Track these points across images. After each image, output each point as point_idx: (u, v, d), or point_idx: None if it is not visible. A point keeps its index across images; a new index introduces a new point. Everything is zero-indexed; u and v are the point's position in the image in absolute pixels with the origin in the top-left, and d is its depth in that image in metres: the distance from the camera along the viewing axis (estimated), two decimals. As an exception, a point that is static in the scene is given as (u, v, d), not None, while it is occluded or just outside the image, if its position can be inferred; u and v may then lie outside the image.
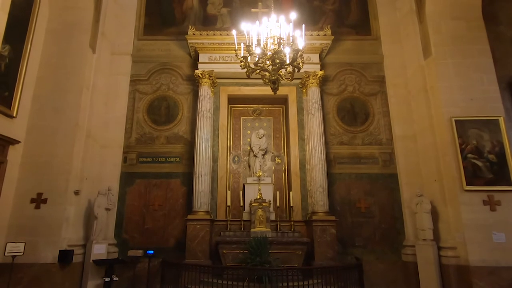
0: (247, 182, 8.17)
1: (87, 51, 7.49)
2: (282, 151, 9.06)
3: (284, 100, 8.93)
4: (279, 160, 8.99)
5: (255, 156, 8.53)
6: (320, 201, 7.43)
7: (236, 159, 8.97)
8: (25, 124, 6.86)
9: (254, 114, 9.35)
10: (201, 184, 7.42)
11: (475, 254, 6.59)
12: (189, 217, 7.21)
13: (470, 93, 7.33)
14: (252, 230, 7.37)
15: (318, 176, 7.56)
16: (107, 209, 7.27)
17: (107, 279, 6.52)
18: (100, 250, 6.86)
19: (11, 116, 6.32)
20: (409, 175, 8.07)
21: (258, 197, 7.71)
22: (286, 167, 8.89)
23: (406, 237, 7.85)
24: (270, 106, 9.31)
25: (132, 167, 8.20)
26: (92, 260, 6.66)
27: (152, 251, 7.11)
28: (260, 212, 7.53)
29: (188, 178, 8.01)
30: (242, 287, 5.79)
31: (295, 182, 8.13)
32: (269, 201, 7.68)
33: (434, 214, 7.35)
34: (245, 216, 7.77)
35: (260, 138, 8.64)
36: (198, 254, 6.96)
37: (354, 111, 8.71)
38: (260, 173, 8.01)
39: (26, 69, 6.60)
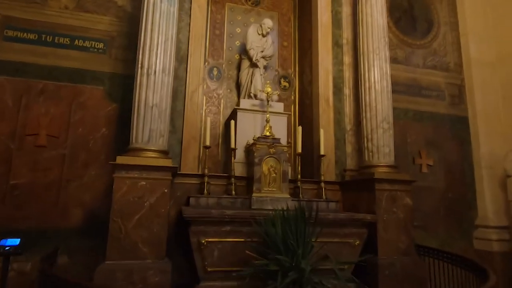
0: (241, 107, 4.08)
1: None
2: (292, 69, 5.13)
3: (303, -19, 4.93)
4: (286, 84, 5.06)
5: (252, 66, 4.44)
6: (384, 146, 3.74)
7: (215, 72, 4.76)
8: None
9: (248, 3, 5.15)
10: (153, 92, 3.09)
11: None
12: (121, 161, 2.87)
13: None
14: (254, 195, 3.42)
15: (379, 102, 3.84)
16: None
17: None
18: None
19: None
20: (489, 120, 4.92)
21: (268, 134, 3.73)
22: (297, 96, 5.01)
23: (480, 214, 4.77)
24: (275, -8, 5.21)
25: (-14, 47, 3.41)
26: None
27: (18, 240, 2.66)
28: (271, 162, 3.59)
29: (123, 86, 3.63)
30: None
31: (326, 115, 4.31)
32: (289, 144, 3.78)
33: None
34: (238, 169, 3.76)
35: (263, 36, 4.54)
36: (139, 247, 2.74)
37: (412, 14, 5.15)
38: (269, 90, 3.96)
39: None
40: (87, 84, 3.56)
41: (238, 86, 4.72)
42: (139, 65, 3.13)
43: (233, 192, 3.57)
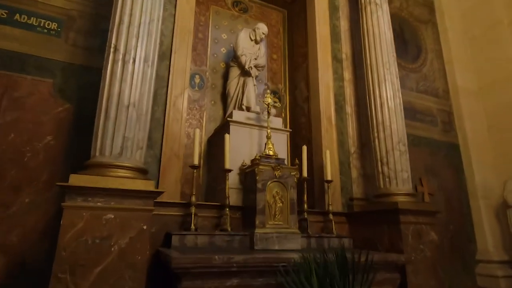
0: (235, 120, 3.31)
1: None
2: (282, 85, 4.58)
3: (297, -8, 4.54)
4: (276, 100, 4.46)
5: (244, 75, 3.77)
6: (402, 171, 3.22)
7: (197, 80, 3.98)
8: None
9: (235, 9, 4.59)
10: (130, 87, 2.21)
11: None
12: (76, 181, 1.88)
13: None
14: (258, 231, 2.61)
15: (394, 121, 3.38)
16: None
17: None
18: None
19: None
20: (479, 149, 4.80)
21: (270, 153, 3.01)
22: (288, 113, 4.42)
23: (480, 247, 4.45)
24: (264, 2, 4.75)
25: None
26: None
27: None
28: (276, 188, 2.84)
29: (82, 81, 2.67)
30: None
31: (328, 135, 3.74)
32: (296, 166, 3.07)
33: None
34: (233, 197, 2.92)
35: (256, 43, 3.95)
36: (100, 321, 1.75)
37: (404, 38, 5.02)
38: (270, 100, 3.28)
39: None
40: (29, 74, 2.53)
41: (224, 97, 4.00)
42: (112, 49, 2.24)
43: (229, 228, 2.71)
